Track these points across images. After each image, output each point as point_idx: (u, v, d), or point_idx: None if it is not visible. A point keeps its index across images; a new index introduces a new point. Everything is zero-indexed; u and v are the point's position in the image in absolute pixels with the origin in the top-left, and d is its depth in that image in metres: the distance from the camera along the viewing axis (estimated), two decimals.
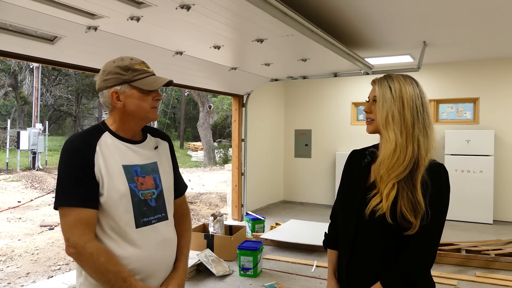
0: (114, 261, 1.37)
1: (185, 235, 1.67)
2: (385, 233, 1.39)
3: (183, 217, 1.70)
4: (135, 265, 1.42)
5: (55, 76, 25.03)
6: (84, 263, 1.37)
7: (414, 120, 1.41)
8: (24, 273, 4.88)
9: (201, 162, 19.70)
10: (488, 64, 6.01)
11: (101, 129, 1.48)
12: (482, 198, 5.81)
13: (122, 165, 1.44)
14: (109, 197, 1.39)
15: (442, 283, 3.40)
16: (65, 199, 1.37)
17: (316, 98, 7.33)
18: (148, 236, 1.46)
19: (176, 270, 1.58)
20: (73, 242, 1.34)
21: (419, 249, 1.36)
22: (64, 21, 2.63)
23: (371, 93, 1.51)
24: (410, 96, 1.42)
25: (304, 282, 3.48)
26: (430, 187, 1.36)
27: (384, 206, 1.36)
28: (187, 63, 4.02)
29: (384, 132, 1.43)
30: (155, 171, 1.53)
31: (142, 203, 1.46)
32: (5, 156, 15.88)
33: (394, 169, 1.38)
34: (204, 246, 4.02)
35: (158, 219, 1.51)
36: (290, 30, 3.11)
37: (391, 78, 1.47)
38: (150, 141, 1.58)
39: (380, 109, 1.43)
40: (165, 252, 1.52)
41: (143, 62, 1.49)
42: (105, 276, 1.35)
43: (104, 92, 1.46)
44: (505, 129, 5.94)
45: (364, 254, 1.45)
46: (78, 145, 1.41)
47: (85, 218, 1.36)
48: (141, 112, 1.47)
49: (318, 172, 7.30)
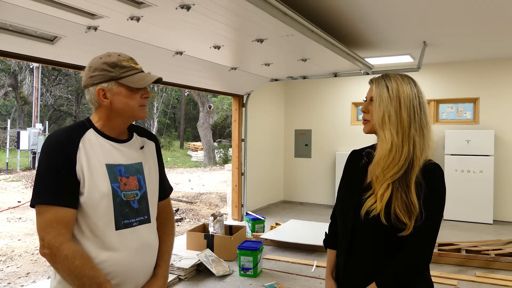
0: (90, 265, 1.30)
1: (167, 239, 1.59)
2: (380, 234, 1.39)
3: (165, 221, 1.63)
4: (112, 269, 1.36)
5: (55, 76, 25.03)
6: (58, 265, 1.29)
7: (410, 120, 1.40)
8: (24, 273, 4.88)
9: (201, 162, 19.69)
10: (488, 64, 6.01)
11: (85, 126, 1.42)
12: (482, 198, 5.81)
13: (106, 164, 1.38)
14: (90, 196, 1.33)
15: (442, 283, 3.40)
16: (43, 197, 1.30)
17: (316, 98, 7.33)
18: (128, 239, 1.40)
19: (155, 276, 1.51)
20: (48, 242, 1.28)
21: (414, 250, 1.36)
22: (64, 21, 2.63)
23: (368, 92, 1.51)
24: (407, 96, 1.41)
25: (304, 282, 3.48)
26: (424, 187, 1.35)
27: (378, 207, 1.36)
28: (187, 63, 4.02)
29: (380, 132, 1.42)
30: (139, 172, 1.47)
31: (124, 204, 1.40)
32: (5, 156, 15.89)
33: (390, 169, 1.38)
34: (204, 246, 4.02)
35: (140, 221, 1.45)
36: (290, 30, 3.11)
37: (389, 77, 1.46)
38: (136, 140, 1.53)
39: (377, 109, 1.43)
40: (144, 257, 1.45)
41: (131, 59, 1.44)
42: (80, 280, 1.28)
43: (90, 89, 1.41)
44: (505, 129, 5.94)
45: (360, 255, 1.45)
46: (61, 141, 1.35)
47: (62, 218, 1.29)
48: (128, 111, 1.42)
49: (318, 172, 7.30)
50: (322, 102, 7.29)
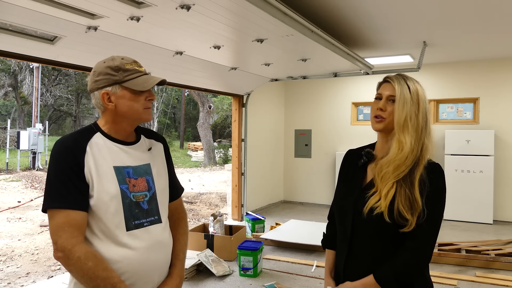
0: (103, 266, 1.31)
1: (180, 239, 1.60)
2: (382, 231, 1.39)
3: (179, 220, 1.64)
4: (126, 269, 1.37)
5: (55, 76, 25.04)
6: (71, 268, 1.30)
7: (423, 123, 1.42)
8: (24, 273, 4.88)
9: (201, 162, 19.70)
10: (488, 64, 6.01)
11: (92, 130, 1.44)
12: (482, 198, 5.81)
13: (113, 166, 1.40)
14: (99, 198, 1.35)
15: (442, 283, 3.40)
16: (54, 201, 1.32)
17: (316, 98, 7.33)
18: (140, 238, 1.41)
19: (170, 276, 1.52)
20: (60, 245, 1.29)
21: (415, 246, 1.36)
22: (64, 21, 2.63)
23: (385, 90, 1.46)
24: (423, 100, 1.43)
25: (304, 282, 3.48)
26: (428, 186, 1.36)
27: (382, 205, 1.36)
28: (187, 63, 4.02)
29: (399, 134, 1.40)
30: (148, 173, 1.48)
31: (133, 205, 1.41)
32: (5, 156, 15.88)
33: (400, 169, 1.39)
34: (204, 246, 4.02)
35: (151, 222, 1.45)
36: (290, 30, 3.11)
37: (407, 78, 1.46)
38: (144, 142, 1.54)
39: (400, 110, 1.40)
40: (158, 255, 1.46)
41: (134, 62, 1.45)
42: (94, 281, 1.29)
43: (95, 93, 1.43)
44: (505, 129, 5.94)
45: (361, 253, 1.46)
46: (68, 146, 1.37)
47: (74, 221, 1.31)
48: (133, 113, 1.43)
49: (318, 172, 7.30)
50: (322, 102, 7.29)
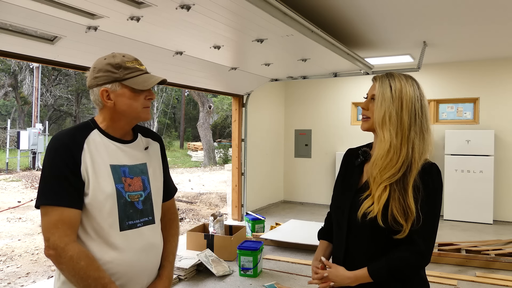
0: (95, 265, 1.30)
1: (171, 240, 1.59)
2: (376, 235, 1.38)
3: (170, 221, 1.63)
4: (117, 270, 1.36)
5: (55, 76, 25.03)
6: (63, 266, 1.29)
7: (411, 123, 1.38)
8: (24, 273, 4.88)
9: (201, 162, 19.70)
10: (488, 64, 6.01)
11: (90, 127, 1.41)
12: (482, 198, 5.81)
13: (110, 165, 1.38)
14: (94, 197, 1.33)
15: (442, 283, 3.40)
16: (47, 198, 1.30)
17: (316, 98, 7.33)
18: (132, 239, 1.39)
19: (160, 277, 1.51)
20: (53, 243, 1.27)
21: (414, 249, 1.34)
22: (64, 21, 2.63)
23: (370, 90, 1.49)
24: (410, 98, 1.39)
25: (304, 282, 3.48)
26: (422, 190, 1.34)
27: (375, 209, 1.35)
28: (187, 63, 4.02)
29: (379, 132, 1.41)
30: (144, 173, 1.47)
31: (128, 205, 1.40)
32: (5, 156, 15.89)
33: (387, 170, 1.37)
34: (204, 246, 4.02)
35: (144, 222, 1.44)
36: (290, 30, 3.11)
37: (393, 76, 1.44)
38: (141, 141, 1.52)
39: (378, 108, 1.41)
40: (148, 257, 1.45)
41: (135, 60, 1.43)
42: (85, 281, 1.28)
43: (94, 90, 1.40)
44: (505, 129, 5.94)
45: (357, 253, 1.45)
46: (65, 142, 1.34)
47: (67, 219, 1.29)
48: (132, 112, 1.41)
49: (318, 172, 7.30)
50: (322, 102, 7.29)
